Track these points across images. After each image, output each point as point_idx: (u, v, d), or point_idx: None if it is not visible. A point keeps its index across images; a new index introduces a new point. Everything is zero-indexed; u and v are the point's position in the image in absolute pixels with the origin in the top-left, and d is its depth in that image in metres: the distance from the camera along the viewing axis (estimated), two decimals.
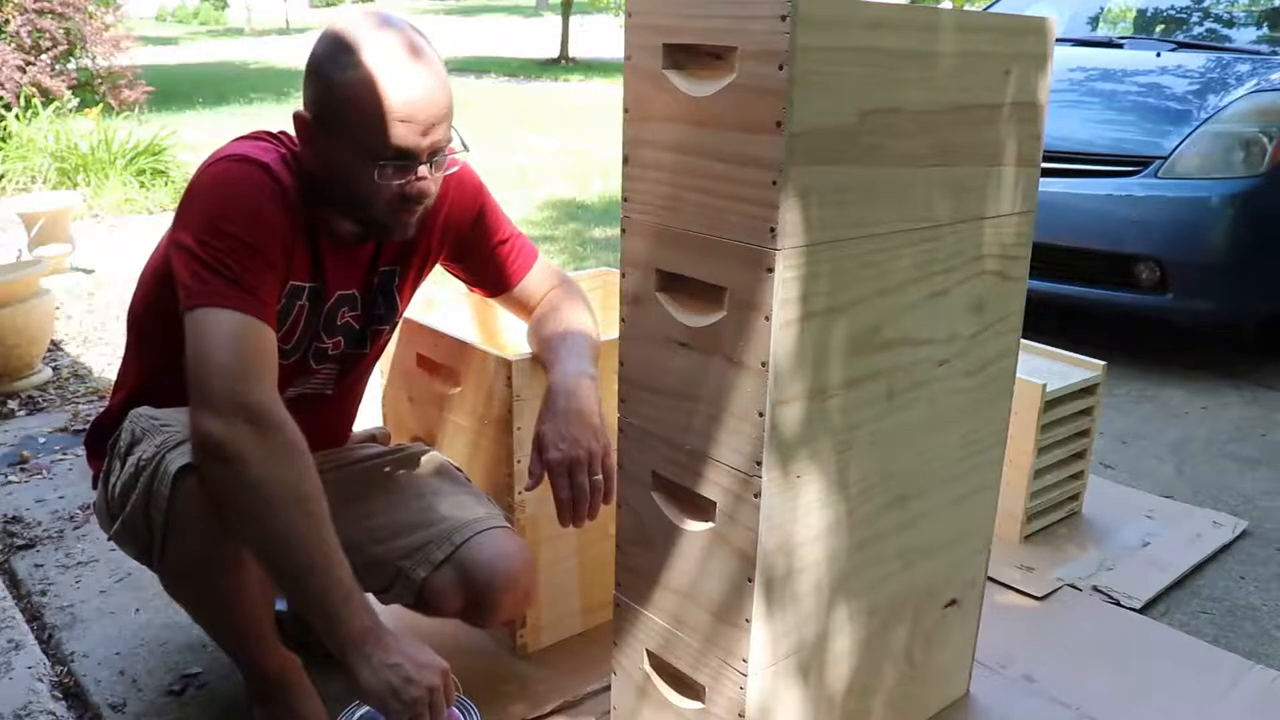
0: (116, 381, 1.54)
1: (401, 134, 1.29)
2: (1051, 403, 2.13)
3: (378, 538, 1.51)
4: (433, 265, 1.61)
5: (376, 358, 1.65)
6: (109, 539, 1.45)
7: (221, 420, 1.20)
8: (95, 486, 1.50)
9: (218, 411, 1.20)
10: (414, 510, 1.53)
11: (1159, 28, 4.54)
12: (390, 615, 1.77)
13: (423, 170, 1.33)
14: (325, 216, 1.41)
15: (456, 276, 1.67)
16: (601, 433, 1.45)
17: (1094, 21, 4.68)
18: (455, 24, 27.50)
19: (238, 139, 1.40)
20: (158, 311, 1.41)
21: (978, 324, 1.41)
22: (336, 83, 1.29)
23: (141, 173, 5.80)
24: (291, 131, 1.46)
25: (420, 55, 1.31)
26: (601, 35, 21.12)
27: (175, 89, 11.44)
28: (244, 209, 1.29)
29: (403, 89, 1.28)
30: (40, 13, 7.54)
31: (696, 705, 1.33)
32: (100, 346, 3.40)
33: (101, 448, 1.49)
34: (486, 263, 1.62)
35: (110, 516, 1.39)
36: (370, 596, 1.55)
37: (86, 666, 1.70)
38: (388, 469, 1.62)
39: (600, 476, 1.43)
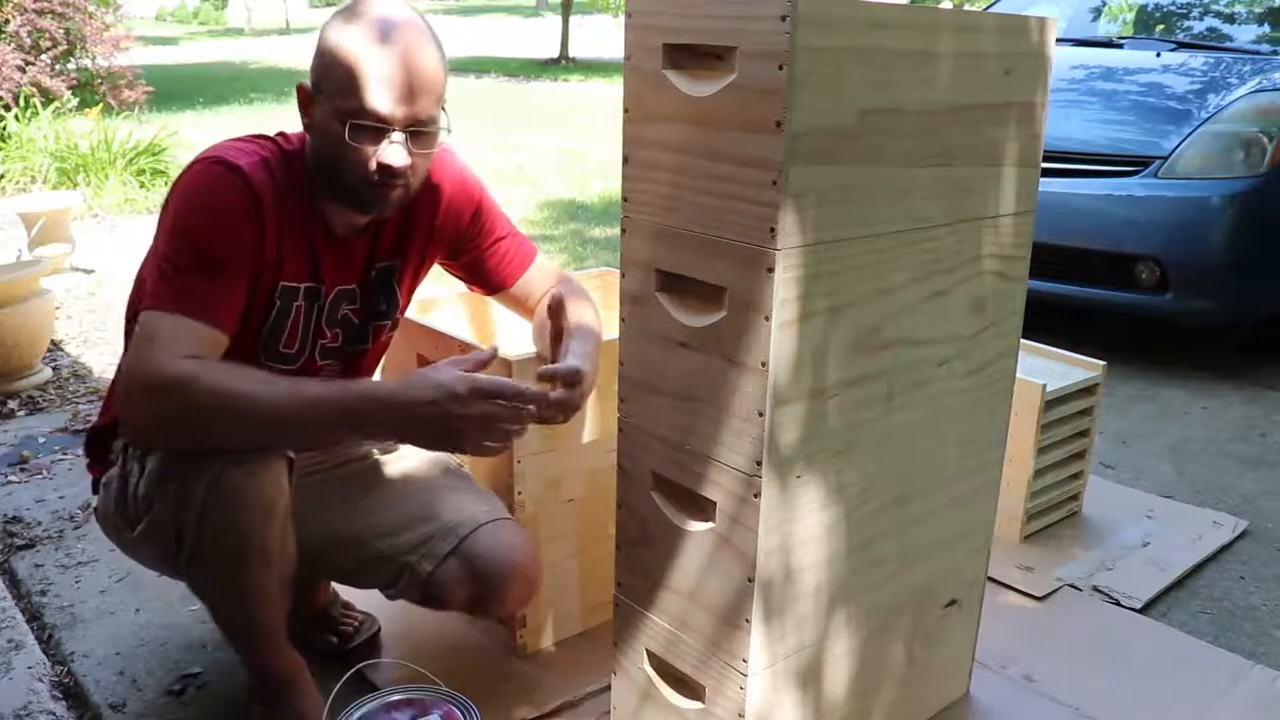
0: (113, 384, 1.54)
1: (374, 95, 1.30)
2: (1051, 403, 2.13)
3: (381, 533, 1.51)
4: (431, 262, 1.60)
5: (379, 356, 1.64)
6: (120, 541, 1.45)
7: (159, 369, 1.23)
8: (95, 491, 1.50)
9: (155, 366, 1.23)
10: (417, 505, 1.53)
11: (1159, 27, 4.54)
12: (392, 614, 1.78)
13: (396, 138, 1.33)
14: (322, 209, 1.42)
15: (454, 275, 1.67)
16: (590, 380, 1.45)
17: (1095, 18, 4.68)
18: (455, 24, 27.49)
19: (226, 140, 1.41)
20: None
21: (978, 324, 1.40)
22: (329, 46, 1.33)
23: (141, 173, 5.80)
24: (291, 130, 1.47)
25: (414, 31, 1.34)
26: (601, 35, 21.11)
27: (175, 89, 11.42)
28: (208, 214, 1.31)
29: (385, 53, 1.31)
30: (40, 13, 7.53)
31: (697, 706, 1.33)
32: (100, 346, 3.40)
33: (101, 451, 1.49)
34: (484, 260, 1.62)
35: (131, 521, 1.40)
36: (375, 593, 1.56)
37: (86, 666, 1.70)
38: (390, 465, 1.62)
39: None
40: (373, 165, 1.33)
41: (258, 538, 1.30)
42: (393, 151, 1.33)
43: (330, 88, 1.33)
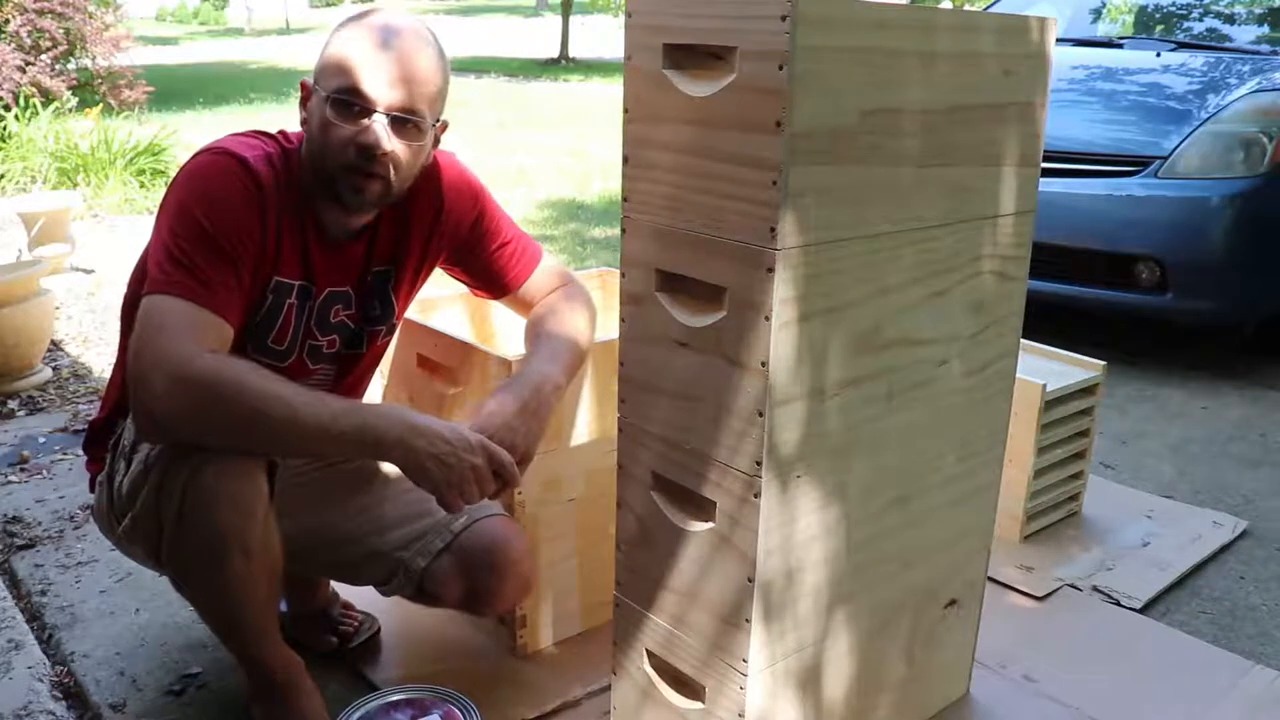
0: (110, 381, 1.54)
1: (360, 77, 1.33)
2: (1051, 403, 2.13)
3: (378, 529, 1.51)
4: (431, 268, 1.60)
5: (375, 361, 1.64)
6: (115, 539, 1.45)
7: (189, 362, 1.22)
8: (92, 489, 1.50)
9: (182, 357, 1.22)
10: (413, 501, 1.53)
11: (1159, 27, 4.54)
12: (392, 614, 1.78)
13: (378, 122, 1.33)
14: (317, 210, 1.42)
15: (458, 279, 1.67)
16: (529, 436, 1.42)
17: (1094, 18, 4.68)
18: (455, 24, 27.49)
19: (230, 135, 1.42)
20: None
21: (978, 324, 1.40)
22: (331, 43, 1.37)
23: (141, 173, 5.80)
24: (291, 130, 1.47)
25: (414, 34, 1.36)
26: (601, 35, 21.13)
27: (175, 89, 11.43)
28: (215, 202, 1.32)
29: (380, 44, 1.33)
30: (40, 13, 7.54)
31: (697, 706, 1.33)
32: (100, 346, 3.40)
33: (99, 450, 1.49)
34: (487, 266, 1.61)
35: (118, 516, 1.40)
36: (370, 589, 1.56)
37: (86, 666, 1.70)
38: (387, 463, 1.62)
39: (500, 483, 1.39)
40: (352, 149, 1.34)
41: (236, 536, 1.29)
42: (373, 132, 1.33)
43: (325, 77, 1.36)
